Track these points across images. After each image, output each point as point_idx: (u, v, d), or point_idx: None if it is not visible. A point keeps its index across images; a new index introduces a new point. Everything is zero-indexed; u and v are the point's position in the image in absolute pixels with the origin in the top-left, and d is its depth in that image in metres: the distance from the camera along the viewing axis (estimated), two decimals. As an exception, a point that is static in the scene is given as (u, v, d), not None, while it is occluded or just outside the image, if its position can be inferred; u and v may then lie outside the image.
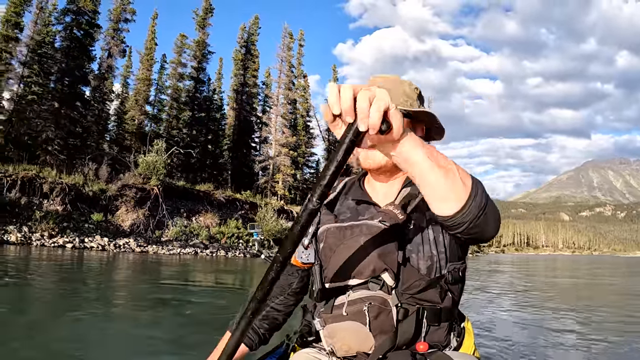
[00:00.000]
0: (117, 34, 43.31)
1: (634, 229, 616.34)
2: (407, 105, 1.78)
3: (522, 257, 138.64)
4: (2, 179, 26.89)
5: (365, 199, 1.85)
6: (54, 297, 9.73)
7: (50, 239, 25.79)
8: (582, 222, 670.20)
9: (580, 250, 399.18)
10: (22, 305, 8.68)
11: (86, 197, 29.80)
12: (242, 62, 54.26)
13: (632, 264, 62.58)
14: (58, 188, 28.33)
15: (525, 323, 9.21)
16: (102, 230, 29.05)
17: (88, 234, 27.94)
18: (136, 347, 5.88)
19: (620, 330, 8.76)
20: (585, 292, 18.47)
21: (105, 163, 33.34)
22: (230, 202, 39.93)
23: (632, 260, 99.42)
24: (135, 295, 11.19)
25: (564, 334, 8.33)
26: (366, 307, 1.62)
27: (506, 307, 11.76)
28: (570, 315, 10.67)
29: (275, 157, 51.52)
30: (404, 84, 1.83)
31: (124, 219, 30.79)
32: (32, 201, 27.61)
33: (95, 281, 13.61)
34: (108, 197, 30.83)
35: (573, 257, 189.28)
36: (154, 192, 32.72)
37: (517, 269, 36.58)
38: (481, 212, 1.28)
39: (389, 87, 1.72)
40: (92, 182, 30.60)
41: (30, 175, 27.92)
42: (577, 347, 7.24)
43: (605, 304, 13.83)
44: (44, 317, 7.51)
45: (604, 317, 10.49)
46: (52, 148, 34.26)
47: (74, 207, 28.97)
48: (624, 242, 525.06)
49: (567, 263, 66.93)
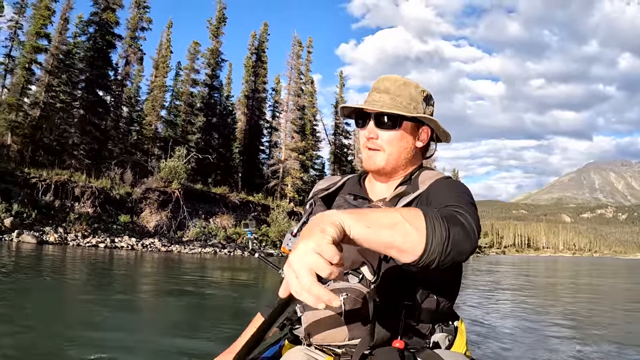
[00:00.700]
0: (135, 42, 45.33)
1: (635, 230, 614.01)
2: (411, 109, 1.82)
3: (523, 258, 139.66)
4: (37, 184, 29.00)
5: (362, 194, 1.89)
6: (96, 289, 11.68)
7: (84, 239, 27.90)
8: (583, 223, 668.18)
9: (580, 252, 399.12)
10: (71, 294, 10.76)
11: (113, 200, 31.96)
12: (253, 68, 56.29)
13: (629, 266, 63.59)
14: (88, 191, 30.49)
15: (520, 324, 9.60)
16: (129, 230, 31.19)
17: (117, 235, 30.08)
18: (162, 329, 7.45)
19: (614, 331, 9.24)
20: (573, 292, 20.28)
21: (129, 167, 35.31)
22: (244, 204, 42.05)
23: (631, 262, 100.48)
24: (162, 287, 13.21)
25: (555, 333, 8.78)
26: (342, 297, 1.61)
27: (501, 307, 12.69)
28: (558, 313, 12.00)
29: (285, 160, 53.47)
30: (410, 87, 1.87)
31: (149, 220, 32.92)
32: (64, 204, 29.74)
33: (129, 276, 15.93)
34: (133, 199, 32.92)
35: (573, 258, 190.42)
36: (175, 195, 34.81)
37: (517, 270, 38.37)
38: (446, 244, 1.28)
39: (394, 89, 1.84)
40: (118, 186, 32.69)
41: (63, 180, 30.05)
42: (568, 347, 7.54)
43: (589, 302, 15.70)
44: (86, 303, 9.27)
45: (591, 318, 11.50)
46: (78, 153, 36.35)
47: (103, 210, 31.13)
48: (624, 244, 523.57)
49: (567, 265, 68.61)
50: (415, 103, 1.83)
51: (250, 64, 56.53)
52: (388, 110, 1.77)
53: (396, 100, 1.81)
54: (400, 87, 1.84)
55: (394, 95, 1.81)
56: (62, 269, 15.75)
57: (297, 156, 53.64)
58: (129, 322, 7.61)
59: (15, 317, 6.97)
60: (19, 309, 7.86)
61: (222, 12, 53.15)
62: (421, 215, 1.27)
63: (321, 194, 1.96)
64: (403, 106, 1.80)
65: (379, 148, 1.82)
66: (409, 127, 1.82)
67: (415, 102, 1.83)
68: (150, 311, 9.38)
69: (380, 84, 1.87)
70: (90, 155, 36.89)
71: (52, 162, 33.09)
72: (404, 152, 1.84)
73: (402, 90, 1.83)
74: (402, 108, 1.79)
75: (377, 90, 1.86)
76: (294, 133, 55.46)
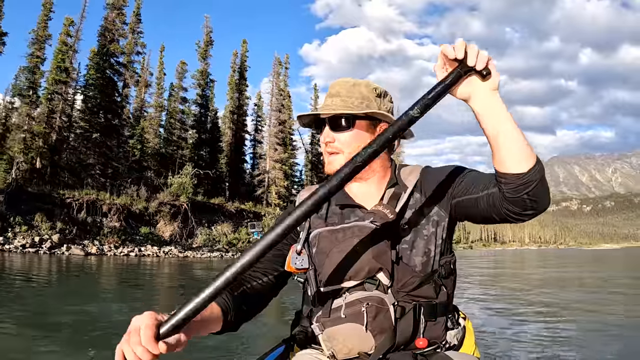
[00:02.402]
0: (131, 66, 50.08)
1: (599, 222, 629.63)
2: (363, 107, 1.79)
3: (490, 252, 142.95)
4: (71, 203, 34.05)
5: (349, 202, 1.86)
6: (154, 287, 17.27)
7: (116, 249, 33.13)
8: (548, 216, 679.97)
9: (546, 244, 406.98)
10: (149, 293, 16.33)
11: (134, 214, 37.13)
12: (237, 86, 61.42)
13: (595, 257, 66.35)
14: (114, 208, 35.58)
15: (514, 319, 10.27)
16: (150, 240, 36.43)
17: (141, 244, 35.38)
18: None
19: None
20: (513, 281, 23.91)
21: (142, 185, 40.42)
22: (238, 212, 47.36)
23: (596, 253, 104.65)
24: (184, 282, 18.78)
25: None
26: (364, 307, 1.63)
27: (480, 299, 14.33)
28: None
29: (270, 171, 58.69)
30: (361, 86, 1.84)
31: (164, 231, 38.16)
32: (95, 220, 34.83)
33: (173, 277, 21.30)
34: (150, 213, 38.12)
35: (539, 250, 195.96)
36: (183, 207, 39.99)
37: (486, 263, 43.55)
38: (543, 178, 1.39)
39: (344, 91, 1.83)
40: (136, 201, 37.82)
41: (92, 198, 35.10)
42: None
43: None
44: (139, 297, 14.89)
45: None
46: (94, 172, 41.32)
47: (127, 223, 36.30)
48: (590, 235, 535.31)
49: (531, 256, 73.24)
50: (367, 101, 1.82)
51: (233, 82, 61.60)
52: (337, 111, 1.78)
53: (347, 101, 1.80)
54: (350, 88, 1.83)
55: (345, 97, 1.81)
56: (124, 275, 21.09)
57: (280, 167, 58.92)
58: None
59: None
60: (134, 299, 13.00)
61: (210, 35, 58.31)
62: (533, 152, 1.43)
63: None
64: (355, 106, 1.79)
65: (337, 151, 1.82)
66: (364, 126, 1.82)
67: (367, 100, 1.82)
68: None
69: (332, 88, 1.87)
70: (105, 174, 41.80)
71: (75, 182, 38.09)
72: None
73: (352, 91, 1.82)
74: (353, 108, 1.78)
75: (329, 95, 1.87)
76: (277, 145, 60.61)
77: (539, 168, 1.40)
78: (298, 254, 1.79)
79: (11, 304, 10.58)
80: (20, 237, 29.96)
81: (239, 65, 62.65)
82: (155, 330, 1.20)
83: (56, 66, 40.22)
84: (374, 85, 1.87)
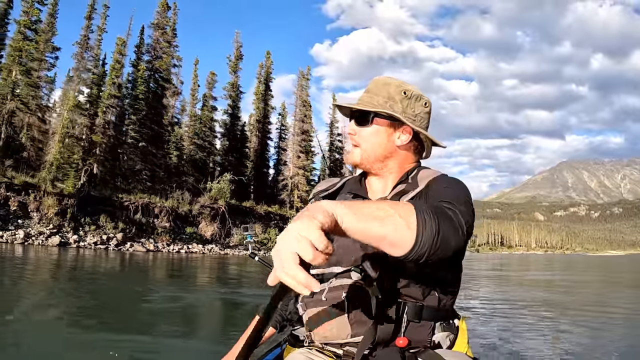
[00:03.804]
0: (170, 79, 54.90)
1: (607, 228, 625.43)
2: (386, 106, 1.81)
3: (497, 255, 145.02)
4: (129, 205, 39.08)
5: (361, 193, 1.90)
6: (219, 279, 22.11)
7: (168, 246, 38.16)
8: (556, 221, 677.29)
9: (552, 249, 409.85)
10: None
11: (180, 216, 42.19)
12: (263, 96, 66.30)
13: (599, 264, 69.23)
14: (164, 210, 40.61)
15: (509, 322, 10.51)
16: (195, 239, 41.49)
17: (188, 242, 40.45)
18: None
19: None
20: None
21: (185, 189, 45.48)
22: (267, 215, 52.44)
23: (600, 259, 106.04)
24: (227, 274, 23.55)
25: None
26: (344, 294, 1.64)
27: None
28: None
29: (293, 176, 63.62)
30: (390, 86, 1.86)
31: (205, 231, 43.27)
32: (148, 220, 39.85)
33: (209, 269, 25.92)
34: (193, 215, 43.20)
35: (545, 255, 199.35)
36: (221, 210, 44.98)
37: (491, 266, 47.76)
38: (435, 239, 1.28)
39: (375, 89, 1.87)
40: (181, 204, 42.85)
41: (146, 202, 40.11)
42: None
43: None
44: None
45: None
46: (141, 178, 46.38)
47: (175, 224, 41.32)
48: (597, 242, 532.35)
49: (527, 261, 76.90)
50: (391, 102, 1.82)
51: (259, 92, 66.58)
52: (357, 107, 1.83)
53: (373, 99, 1.83)
54: (381, 87, 1.86)
55: (373, 94, 1.85)
56: (178, 268, 25.80)
57: (303, 173, 63.91)
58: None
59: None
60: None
61: (239, 50, 63.22)
62: (412, 209, 1.30)
63: (322, 195, 1.98)
64: (378, 104, 1.81)
65: (356, 144, 1.86)
66: (383, 124, 1.82)
67: (391, 101, 1.82)
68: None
69: (369, 84, 1.91)
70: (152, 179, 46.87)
71: (126, 186, 43.17)
72: (379, 148, 1.83)
73: (381, 90, 1.85)
74: (377, 106, 1.80)
75: (365, 90, 1.91)
76: (300, 153, 65.50)
77: (422, 243, 1.28)
78: None
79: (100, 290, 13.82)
80: (91, 235, 35.16)
81: (265, 77, 67.47)
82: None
83: (111, 82, 45.21)
84: (407, 87, 1.87)
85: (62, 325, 8.40)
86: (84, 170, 38.95)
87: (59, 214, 34.65)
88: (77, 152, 40.98)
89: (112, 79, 45.46)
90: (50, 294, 12.01)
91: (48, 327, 8.16)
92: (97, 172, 42.09)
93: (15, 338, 6.89)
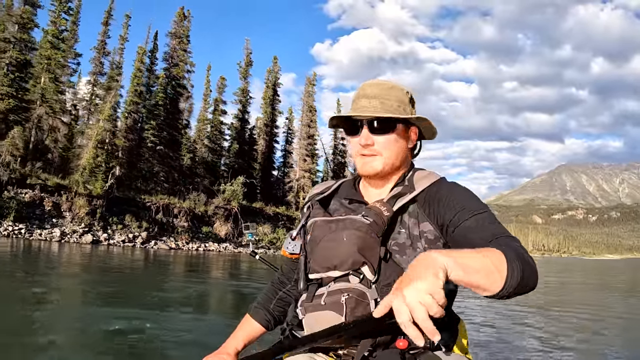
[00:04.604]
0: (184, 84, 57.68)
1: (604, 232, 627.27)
2: (401, 111, 1.81)
3: None
4: (150, 206, 41.97)
5: (357, 198, 1.88)
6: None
7: (187, 244, 41.09)
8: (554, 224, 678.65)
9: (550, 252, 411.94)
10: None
11: (197, 216, 45.13)
12: (271, 101, 68.97)
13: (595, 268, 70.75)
14: (182, 211, 43.52)
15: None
16: (210, 238, 44.49)
17: (205, 241, 43.48)
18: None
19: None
20: None
21: (200, 191, 48.42)
22: (275, 215, 55.48)
23: (596, 263, 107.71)
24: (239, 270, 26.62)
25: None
26: (344, 298, 1.64)
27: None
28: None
29: (300, 179, 66.47)
30: (397, 90, 1.85)
31: (220, 230, 46.29)
32: (168, 220, 42.76)
33: (225, 266, 28.80)
34: (208, 215, 46.16)
35: (542, 259, 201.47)
36: (234, 211, 47.91)
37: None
38: (519, 283, 1.35)
39: (383, 93, 1.82)
40: (197, 205, 45.74)
41: (166, 202, 43.00)
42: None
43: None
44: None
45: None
46: (158, 179, 49.29)
47: (192, 223, 44.24)
48: (594, 245, 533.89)
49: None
50: (404, 105, 1.83)
51: (267, 97, 69.39)
52: (382, 115, 1.78)
53: (386, 104, 1.80)
54: (388, 91, 1.83)
55: (384, 99, 1.81)
56: (198, 264, 28.94)
57: (309, 175, 66.79)
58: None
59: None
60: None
61: (249, 56, 66.00)
62: (504, 259, 1.36)
63: (317, 198, 1.96)
64: (394, 109, 1.80)
65: (376, 153, 1.81)
66: (401, 130, 1.83)
67: (403, 105, 1.83)
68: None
69: (368, 89, 1.85)
70: (168, 181, 49.77)
71: (146, 187, 46.07)
72: (400, 154, 1.84)
73: (390, 94, 1.82)
74: (393, 111, 1.79)
75: (365, 96, 1.84)
76: (306, 157, 68.37)
77: (508, 287, 1.35)
78: (292, 239, 1.90)
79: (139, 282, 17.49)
80: (118, 234, 38.11)
81: (273, 82, 70.23)
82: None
83: (133, 90, 48.10)
84: (407, 89, 1.89)
85: (98, 303, 10.94)
86: (111, 173, 41.76)
87: (89, 214, 37.59)
88: (100, 155, 43.71)
89: (134, 86, 48.25)
90: (89, 283, 14.78)
91: (87, 305, 10.72)
92: (119, 174, 44.90)
93: (64, 315, 9.25)
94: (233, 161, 62.16)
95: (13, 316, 8.41)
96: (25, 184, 36.21)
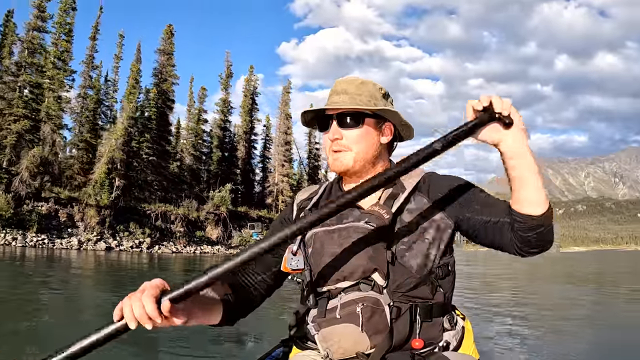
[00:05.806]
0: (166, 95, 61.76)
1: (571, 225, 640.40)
2: (372, 105, 1.78)
3: (462, 254, 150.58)
4: (150, 214, 46.49)
5: None
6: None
7: (184, 248, 45.81)
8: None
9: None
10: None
11: (190, 221, 49.80)
12: (250, 110, 73.37)
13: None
14: (178, 217, 48.14)
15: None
16: (204, 241, 49.30)
17: (199, 244, 48.22)
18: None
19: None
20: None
21: (192, 198, 53.07)
22: (259, 218, 60.29)
23: (561, 255, 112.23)
24: None
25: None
26: (359, 308, 1.61)
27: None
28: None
29: (278, 183, 71.09)
30: (368, 85, 1.84)
31: (212, 234, 51.20)
32: (166, 226, 47.38)
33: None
34: (200, 220, 50.87)
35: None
36: (223, 215, 52.65)
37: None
38: (551, 224, 1.43)
39: (352, 89, 1.81)
40: (190, 211, 50.36)
41: (163, 210, 47.58)
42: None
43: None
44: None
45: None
46: (152, 188, 53.75)
47: (187, 229, 48.92)
48: (561, 238, 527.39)
49: (488, 257, 79.11)
50: (375, 100, 1.81)
51: (246, 106, 73.34)
52: (349, 107, 1.77)
53: (356, 99, 1.78)
54: (359, 86, 1.82)
55: (354, 94, 1.80)
56: (201, 264, 33.46)
57: (287, 180, 71.50)
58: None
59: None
60: None
61: (230, 68, 70.40)
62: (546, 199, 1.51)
63: (307, 205, 1.92)
64: (364, 103, 1.77)
65: (344, 148, 1.80)
66: (372, 123, 1.81)
67: (374, 99, 1.81)
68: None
69: (339, 86, 1.84)
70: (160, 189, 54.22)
71: (142, 196, 50.51)
72: (371, 149, 1.82)
73: (361, 89, 1.81)
74: (362, 105, 1.77)
75: (335, 92, 1.84)
76: (284, 162, 73.12)
77: (550, 214, 1.47)
78: (294, 254, 1.80)
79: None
80: (125, 240, 42.69)
81: (252, 91, 74.13)
82: (158, 293, 1.27)
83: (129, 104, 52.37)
84: (380, 85, 1.87)
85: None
86: (115, 185, 46.11)
87: (99, 223, 42.01)
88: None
89: (129, 102, 52.34)
90: (109, 284, 18.08)
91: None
92: (119, 185, 49.18)
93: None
94: (216, 168, 66.29)
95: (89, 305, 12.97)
96: (41, 198, 40.43)
